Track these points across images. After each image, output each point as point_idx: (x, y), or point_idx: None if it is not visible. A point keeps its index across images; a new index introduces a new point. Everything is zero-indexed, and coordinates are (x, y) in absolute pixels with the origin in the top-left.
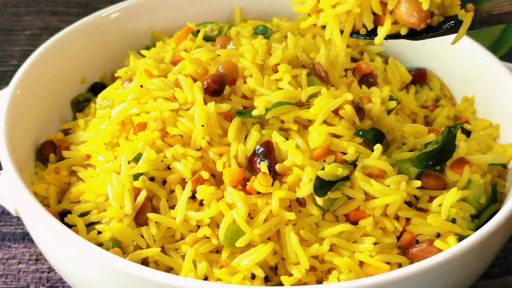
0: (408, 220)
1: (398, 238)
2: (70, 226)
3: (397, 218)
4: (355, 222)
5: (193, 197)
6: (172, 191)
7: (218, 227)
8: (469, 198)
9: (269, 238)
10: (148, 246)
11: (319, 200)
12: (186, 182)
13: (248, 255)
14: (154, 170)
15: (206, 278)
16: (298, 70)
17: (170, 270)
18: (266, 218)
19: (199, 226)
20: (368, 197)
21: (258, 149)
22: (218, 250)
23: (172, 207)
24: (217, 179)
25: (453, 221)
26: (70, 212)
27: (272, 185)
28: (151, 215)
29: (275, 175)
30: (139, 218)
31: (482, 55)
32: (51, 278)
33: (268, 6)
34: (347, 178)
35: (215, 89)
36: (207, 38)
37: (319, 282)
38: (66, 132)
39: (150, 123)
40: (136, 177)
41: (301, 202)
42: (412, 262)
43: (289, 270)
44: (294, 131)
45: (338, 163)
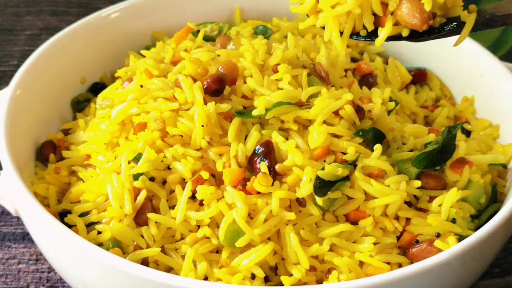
0: (408, 220)
1: (398, 238)
2: (70, 226)
3: (397, 218)
4: (355, 222)
5: (193, 197)
6: (172, 191)
7: (218, 227)
8: (469, 198)
9: (269, 238)
10: (148, 246)
11: (319, 200)
12: (186, 182)
13: (248, 255)
14: (154, 170)
15: (206, 278)
16: (298, 70)
17: (170, 270)
18: (266, 218)
19: (199, 226)
20: (368, 197)
21: (258, 149)
22: (218, 250)
23: (172, 207)
24: (217, 179)
25: (453, 221)
26: (70, 212)
27: (272, 185)
28: (151, 215)
29: (275, 175)
30: (139, 218)
31: (482, 55)
32: (51, 278)
33: (268, 6)
34: (347, 178)
35: (215, 89)
36: (207, 38)
37: (319, 282)
38: (66, 132)
39: (150, 123)
40: (136, 177)
41: (301, 202)
42: (412, 262)
43: (289, 270)
44: (294, 131)
45: (338, 163)
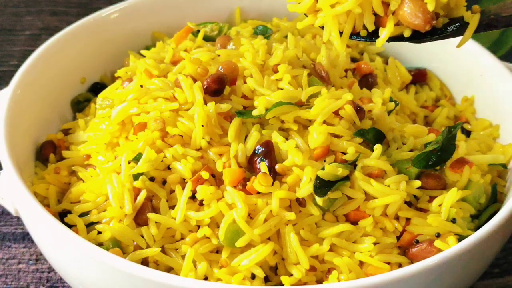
0: (408, 220)
1: (398, 238)
2: (70, 226)
3: (397, 218)
4: (355, 222)
5: (193, 197)
6: (172, 191)
7: (218, 227)
8: (469, 198)
9: (269, 238)
10: (148, 246)
11: (319, 200)
12: (186, 182)
13: (248, 255)
14: (154, 170)
15: (206, 278)
16: (298, 70)
17: (170, 270)
18: (266, 218)
19: (199, 226)
20: (368, 197)
21: (258, 149)
22: (218, 250)
23: (172, 207)
24: (217, 179)
25: (453, 221)
26: (70, 212)
27: (272, 185)
28: (151, 215)
29: (275, 175)
30: (139, 218)
31: (482, 55)
32: (51, 278)
33: (268, 6)
34: (347, 178)
35: (215, 89)
36: (207, 38)
37: (319, 282)
38: (66, 132)
39: (150, 123)
40: (136, 177)
41: (301, 202)
42: (412, 262)
43: (289, 270)
44: (294, 131)
45: (338, 163)
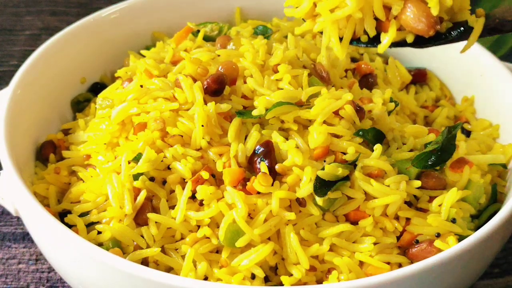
0: (408, 220)
1: (398, 238)
2: (70, 226)
3: (397, 218)
4: (355, 222)
5: (193, 197)
6: (172, 191)
7: (218, 227)
8: (469, 198)
9: (269, 238)
10: (148, 246)
11: (319, 200)
12: (186, 182)
13: (248, 255)
14: (154, 170)
15: (206, 278)
16: (298, 70)
17: (170, 270)
18: (266, 218)
19: (199, 226)
20: (368, 197)
21: (258, 149)
22: (218, 250)
23: (172, 207)
24: (217, 179)
25: (453, 221)
26: (70, 212)
27: (272, 185)
28: (151, 215)
29: (275, 175)
30: (139, 218)
31: (482, 55)
32: (51, 278)
33: (268, 6)
34: (347, 178)
35: (215, 89)
36: (207, 38)
37: (319, 282)
38: (66, 132)
39: (150, 123)
40: (136, 177)
41: (301, 202)
42: (412, 262)
43: (289, 270)
44: (294, 131)
45: (338, 163)
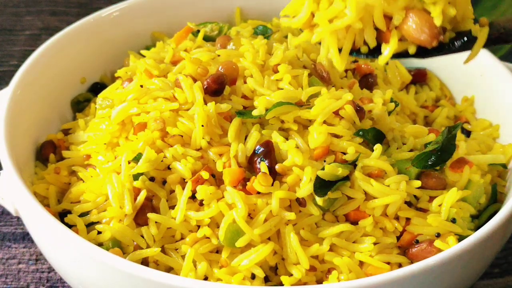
0: (408, 220)
1: (398, 238)
2: (70, 226)
3: (397, 218)
4: (355, 222)
5: (193, 197)
6: (172, 191)
7: (218, 227)
8: (469, 198)
9: (269, 238)
10: (148, 246)
11: (319, 200)
12: (186, 182)
13: (248, 255)
14: (154, 170)
15: (206, 278)
16: (298, 70)
17: (170, 270)
18: (266, 218)
19: (199, 226)
20: (368, 197)
21: (258, 149)
22: (218, 250)
23: (172, 207)
24: (217, 179)
25: (453, 221)
26: (70, 212)
27: (272, 185)
28: (151, 215)
29: (275, 175)
30: (139, 218)
31: (482, 55)
32: (51, 278)
33: (268, 6)
34: (347, 178)
35: (215, 89)
36: (207, 38)
37: (319, 282)
38: (66, 132)
39: (150, 123)
40: (136, 177)
41: (301, 202)
42: (412, 262)
43: (289, 270)
44: (294, 131)
45: (338, 163)
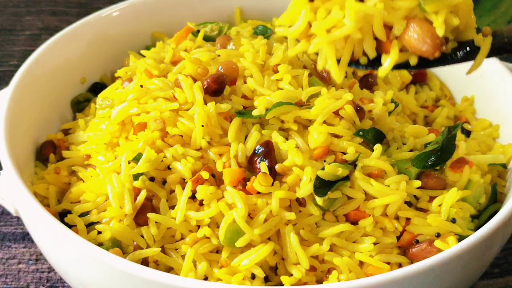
0: (408, 220)
1: (398, 238)
2: (70, 226)
3: (397, 218)
4: (355, 222)
5: (193, 197)
6: (172, 191)
7: (218, 227)
8: (469, 198)
9: (269, 238)
10: (148, 246)
11: (319, 200)
12: (186, 182)
13: (248, 255)
14: (154, 170)
15: (206, 278)
16: (298, 70)
17: (170, 270)
18: (266, 218)
19: (199, 226)
20: (368, 197)
21: (258, 149)
22: (218, 250)
23: (172, 207)
24: (217, 179)
25: (453, 221)
26: (70, 212)
27: (272, 185)
28: (151, 215)
29: (275, 175)
30: (139, 218)
31: None
32: (51, 278)
33: (268, 6)
34: (347, 178)
35: (215, 89)
36: (207, 38)
37: (319, 282)
38: (66, 132)
39: (150, 123)
40: (136, 177)
41: (301, 202)
42: (412, 262)
43: (289, 270)
44: (294, 131)
45: (338, 163)
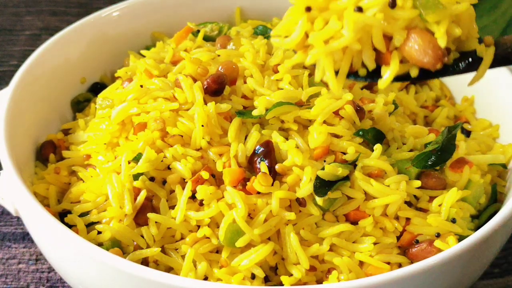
0: (408, 220)
1: (398, 238)
2: (70, 226)
3: (397, 218)
4: (355, 222)
5: (193, 197)
6: (172, 191)
7: (218, 227)
8: (469, 198)
9: (269, 238)
10: (148, 246)
11: (319, 200)
12: (186, 182)
13: (248, 255)
14: (154, 170)
15: (206, 278)
16: (298, 70)
17: (170, 270)
18: (266, 218)
19: (199, 226)
20: (368, 197)
21: (258, 149)
22: (218, 250)
23: (172, 207)
24: (217, 179)
25: (453, 221)
26: (70, 212)
27: (272, 185)
28: (151, 215)
29: (275, 175)
30: (139, 218)
31: None
32: (51, 278)
33: (268, 6)
34: (347, 178)
35: (215, 89)
36: (207, 38)
37: (319, 282)
38: (66, 132)
39: (150, 123)
40: (136, 177)
41: (301, 202)
42: (412, 262)
43: (289, 270)
44: (294, 131)
45: (338, 163)
